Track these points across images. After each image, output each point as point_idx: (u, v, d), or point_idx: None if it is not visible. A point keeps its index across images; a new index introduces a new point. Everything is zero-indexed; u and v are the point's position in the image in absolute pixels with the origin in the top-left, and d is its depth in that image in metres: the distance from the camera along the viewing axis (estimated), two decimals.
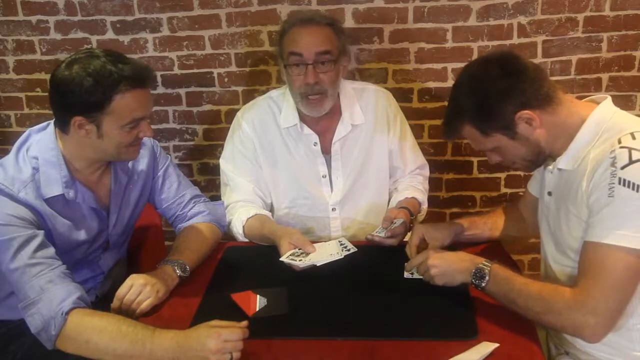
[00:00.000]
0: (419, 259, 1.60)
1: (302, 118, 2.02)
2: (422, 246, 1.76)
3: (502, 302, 1.47)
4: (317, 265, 1.69)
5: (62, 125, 1.57)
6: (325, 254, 1.73)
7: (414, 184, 2.13)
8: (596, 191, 1.36)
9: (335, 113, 2.02)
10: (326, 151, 2.05)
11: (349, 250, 1.76)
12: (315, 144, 2.03)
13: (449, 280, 1.54)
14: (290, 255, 1.72)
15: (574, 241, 1.46)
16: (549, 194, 1.56)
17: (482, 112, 1.46)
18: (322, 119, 2.00)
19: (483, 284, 1.48)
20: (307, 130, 2.02)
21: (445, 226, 1.81)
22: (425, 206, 2.13)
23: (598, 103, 1.48)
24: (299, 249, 1.74)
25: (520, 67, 1.45)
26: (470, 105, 1.47)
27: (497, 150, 1.53)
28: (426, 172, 2.22)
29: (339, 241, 1.83)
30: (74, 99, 1.50)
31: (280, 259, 1.72)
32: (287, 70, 1.91)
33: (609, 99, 1.48)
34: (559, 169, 1.50)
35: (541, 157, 1.53)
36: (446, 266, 1.55)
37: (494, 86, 1.44)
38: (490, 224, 1.83)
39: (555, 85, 1.48)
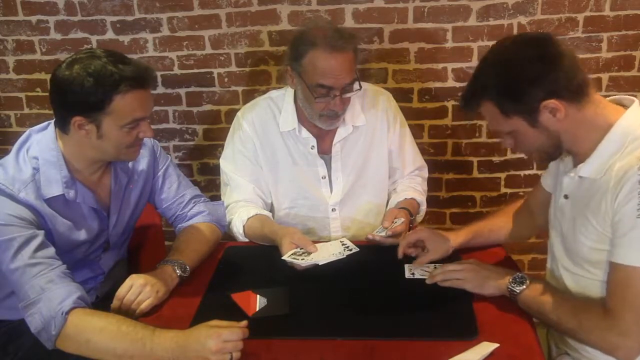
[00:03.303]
0: (457, 267, 1.60)
1: (302, 120, 2.02)
2: (419, 246, 1.76)
3: (533, 314, 1.47)
4: (320, 264, 1.68)
5: (62, 125, 1.57)
6: (327, 253, 1.73)
7: (412, 185, 2.13)
8: (622, 209, 1.31)
9: None
10: (326, 152, 2.05)
11: (351, 250, 1.76)
12: (312, 147, 2.03)
13: (480, 282, 1.54)
14: (292, 254, 1.72)
15: (588, 251, 1.43)
16: (565, 197, 1.50)
17: (508, 92, 1.38)
18: None
19: (517, 291, 1.47)
20: (305, 133, 2.02)
21: (447, 241, 1.74)
22: (424, 207, 2.13)
23: (626, 106, 1.41)
24: (301, 249, 1.74)
25: (557, 53, 1.36)
26: (497, 83, 1.39)
27: (513, 135, 1.46)
28: (425, 173, 2.22)
29: (341, 242, 1.82)
30: (74, 98, 1.50)
31: (282, 258, 1.72)
32: (311, 93, 1.86)
33: (637, 102, 1.41)
34: (580, 177, 1.43)
35: (557, 151, 1.46)
36: (482, 269, 1.56)
37: (526, 68, 1.36)
38: (497, 230, 1.80)
39: (589, 80, 1.41)
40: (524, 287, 1.47)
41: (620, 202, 1.32)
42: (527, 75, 1.36)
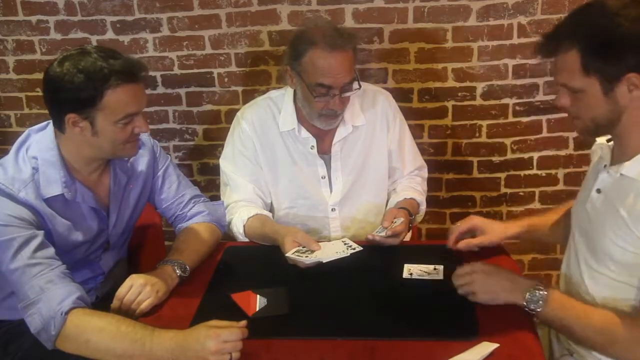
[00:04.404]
0: (465, 270, 1.52)
1: (301, 120, 2.02)
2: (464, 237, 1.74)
3: (555, 328, 1.43)
4: (323, 262, 1.68)
5: (58, 124, 1.57)
6: (331, 251, 1.72)
7: (412, 185, 2.13)
8: None
9: None
10: (325, 152, 2.05)
11: (354, 249, 1.75)
12: (312, 147, 2.03)
13: (492, 297, 1.46)
14: (296, 252, 1.71)
15: (616, 250, 1.37)
16: (598, 191, 1.44)
17: (602, 49, 1.27)
18: None
19: (538, 309, 1.39)
20: (304, 133, 2.02)
21: (503, 229, 1.70)
22: (423, 207, 2.13)
23: None
24: (304, 247, 1.74)
25: None
26: (594, 34, 1.28)
27: (577, 95, 1.35)
28: (425, 173, 2.22)
29: (343, 241, 1.82)
30: (66, 95, 1.51)
31: (286, 255, 1.71)
32: (310, 92, 1.86)
33: None
34: (622, 175, 1.37)
35: (609, 129, 1.38)
36: (493, 282, 1.47)
37: (631, 28, 1.25)
38: (554, 226, 1.72)
39: None
40: (543, 303, 1.38)
41: None
42: (630, 35, 1.25)
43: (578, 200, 1.56)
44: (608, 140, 1.47)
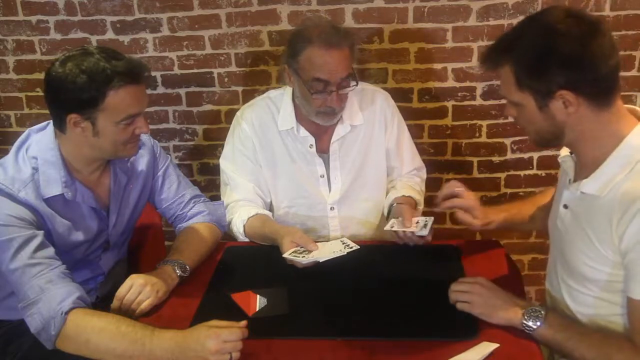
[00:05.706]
0: (467, 280, 1.51)
1: (300, 119, 2.02)
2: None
3: (553, 348, 1.41)
4: (320, 261, 1.68)
5: (59, 124, 1.57)
6: (328, 251, 1.73)
7: (411, 183, 2.13)
8: (632, 239, 1.24)
9: None
10: (324, 151, 2.06)
11: (351, 248, 1.75)
12: (311, 146, 2.03)
13: (487, 310, 1.43)
14: (293, 252, 1.71)
15: (587, 269, 1.36)
16: (565, 206, 1.43)
17: (531, 65, 1.27)
18: None
19: (534, 327, 1.37)
20: (303, 132, 2.02)
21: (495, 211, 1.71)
22: (421, 207, 2.12)
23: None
24: (301, 247, 1.74)
25: (606, 45, 1.24)
26: (524, 50, 1.28)
27: (518, 108, 1.36)
28: (423, 174, 2.22)
29: (341, 241, 1.82)
30: (67, 96, 1.51)
31: (283, 256, 1.71)
32: (307, 89, 1.86)
33: None
34: (583, 193, 1.35)
35: (556, 141, 1.37)
36: (492, 298, 1.45)
37: (562, 44, 1.24)
38: (528, 220, 1.73)
39: (619, 85, 1.31)
40: (538, 323, 1.37)
41: (632, 233, 1.24)
42: (561, 51, 1.24)
43: (551, 215, 1.54)
44: (571, 153, 1.44)
